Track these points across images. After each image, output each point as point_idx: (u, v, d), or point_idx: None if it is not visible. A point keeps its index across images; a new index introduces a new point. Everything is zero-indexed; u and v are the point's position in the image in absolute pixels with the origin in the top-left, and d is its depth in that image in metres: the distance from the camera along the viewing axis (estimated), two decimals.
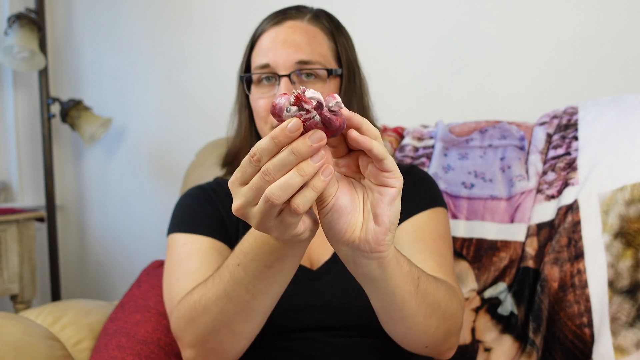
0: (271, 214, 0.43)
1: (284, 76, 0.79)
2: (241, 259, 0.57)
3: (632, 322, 0.81)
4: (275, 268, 0.56)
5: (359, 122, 0.44)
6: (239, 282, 0.58)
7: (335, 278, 0.78)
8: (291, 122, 0.40)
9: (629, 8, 1.17)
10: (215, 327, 0.63)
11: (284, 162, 0.41)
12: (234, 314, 0.61)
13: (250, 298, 0.59)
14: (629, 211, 0.85)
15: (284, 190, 0.41)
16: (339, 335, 0.77)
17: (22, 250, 1.64)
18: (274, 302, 0.62)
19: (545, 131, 1.05)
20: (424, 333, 0.62)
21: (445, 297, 0.64)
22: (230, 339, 0.64)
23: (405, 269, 0.54)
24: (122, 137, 1.97)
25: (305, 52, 0.80)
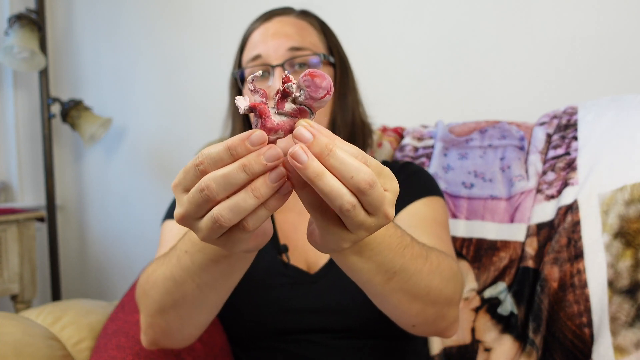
0: (218, 232, 0.37)
1: (277, 66, 0.78)
2: (189, 247, 0.53)
3: (631, 322, 0.81)
4: (221, 265, 0.51)
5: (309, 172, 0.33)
6: (184, 269, 0.54)
7: (333, 281, 0.77)
8: (255, 134, 0.33)
9: (628, 8, 1.17)
10: (162, 306, 0.60)
11: (229, 181, 0.34)
12: (180, 299, 0.57)
13: (195, 287, 0.55)
14: (629, 211, 0.85)
15: (235, 213, 0.35)
16: (337, 337, 0.77)
17: (22, 250, 1.64)
18: (223, 298, 0.59)
19: (545, 131, 1.05)
20: (405, 314, 0.58)
21: (441, 283, 0.58)
22: (176, 323, 0.61)
23: (373, 266, 0.48)
24: (122, 137, 1.97)
25: (296, 40, 0.80)
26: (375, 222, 0.37)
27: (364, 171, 0.33)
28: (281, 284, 0.78)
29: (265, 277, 0.79)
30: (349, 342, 0.77)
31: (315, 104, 0.34)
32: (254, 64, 0.80)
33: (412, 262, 0.53)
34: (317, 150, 0.33)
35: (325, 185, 0.33)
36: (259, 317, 0.78)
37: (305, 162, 0.32)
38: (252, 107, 0.34)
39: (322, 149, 0.33)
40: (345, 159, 0.33)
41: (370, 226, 0.37)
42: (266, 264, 0.80)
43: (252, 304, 0.78)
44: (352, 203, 0.34)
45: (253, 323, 0.78)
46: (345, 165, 0.33)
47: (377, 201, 0.35)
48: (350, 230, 0.37)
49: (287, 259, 0.80)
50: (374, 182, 0.34)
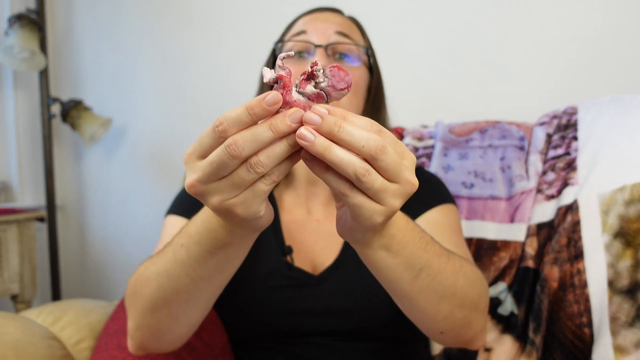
0: (240, 187, 0.39)
1: (319, 46, 0.77)
2: (185, 240, 0.54)
3: (631, 322, 0.81)
4: (218, 256, 0.52)
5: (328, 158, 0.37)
6: (180, 263, 0.55)
7: (337, 283, 0.77)
8: (270, 95, 0.36)
9: (628, 8, 1.17)
10: (154, 303, 0.59)
11: (257, 137, 0.37)
12: (172, 295, 0.57)
13: (189, 282, 0.55)
14: (629, 211, 0.85)
15: (270, 159, 0.38)
16: (340, 339, 0.77)
17: (23, 250, 1.64)
18: (216, 292, 0.59)
19: (545, 131, 1.05)
20: (433, 317, 0.58)
21: (466, 285, 0.58)
22: (168, 321, 0.61)
23: (400, 261, 0.50)
24: (122, 137, 1.97)
25: (345, 29, 0.80)
26: (399, 189, 0.39)
27: (373, 138, 0.36)
28: (285, 285, 0.78)
29: (269, 278, 0.78)
30: (351, 345, 0.77)
31: (334, 94, 0.38)
32: (297, 38, 0.79)
33: (436, 258, 0.53)
34: (326, 129, 0.36)
35: (334, 156, 0.36)
36: (261, 318, 0.77)
37: (312, 140, 0.36)
38: (278, 78, 0.37)
39: (331, 127, 0.36)
40: (353, 132, 0.36)
41: (394, 193, 0.39)
42: (270, 265, 0.79)
43: (255, 304, 0.78)
44: (364, 168, 0.36)
45: (255, 324, 0.78)
46: (354, 137, 0.36)
47: (393, 166, 0.37)
48: (377, 200, 0.38)
49: (292, 261, 0.79)
50: (384, 147, 0.37)
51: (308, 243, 0.82)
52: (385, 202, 0.39)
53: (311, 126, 0.36)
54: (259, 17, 1.64)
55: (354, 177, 0.37)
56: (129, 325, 0.65)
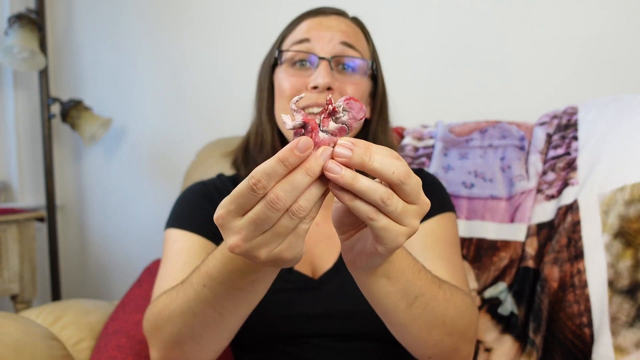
0: (284, 234, 0.40)
1: (323, 59, 0.74)
2: (207, 281, 0.53)
3: (631, 322, 0.81)
4: (245, 290, 0.53)
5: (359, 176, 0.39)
6: (204, 301, 0.55)
7: (337, 287, 0.77)
8: (301, 141, 0.37)
9: (629, 8, 1.17)
10: (180, 339, 0.60)
11: (296, 186, 0.38)
12: (200, 328, 0.58)
13: (217, 316, 0.56)
14: (629, 211, 0.85)
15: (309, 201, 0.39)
16: (342, 341, 0.76)
17: (22, 250, 1.64)
18: (243, 319, 0.59)
19: (545, 131, 1.05)
20: (423, 344, 0.60)
21: (456, 314, 0.60)
22: (194, 350, 0.61)
23: (398, 288, 0.51)
24: (122, 137, 1.97)
25: (350, 38, 0.77)
26: (417, 210, 0.41)
27: (400, 165, 0.39)
28: (285, 289, 0.77)
29: None
30: (352, 345, 0.77)
31: (355, 124, 0.40)
32: (299, 47, 0.76)
33: (428, 286, 0.55)
34: (358, 161, 0.38)
35: (361, 185, 0.38)
36: (262, 321, 0.77)
37: (340, 172, 0.38)
38: (305, 123, 0.39)
39: (362, 157, 0.38)
40: (384, 160, 0.38)
41: (414, 214, 0.41)
42: None
43: (256, 308, 0.77)
44: (388, 192, 0.39)
45: (255, 327, 0.78)
46: (384, 164, 0.38)
47: (415, 189, 0.40)
48: (400, 222, 0.40)
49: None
50: (409, 172, 0.39)
51: (307, 247, 0.81)
52: (407, 222, 0.41)
53: (341, 159, 0.38)
54: (258, 17, 1.64)
55: (380, 202, 0.39)
56: (153, 355, 0.65)
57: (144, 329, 0.68)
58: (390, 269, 0.49)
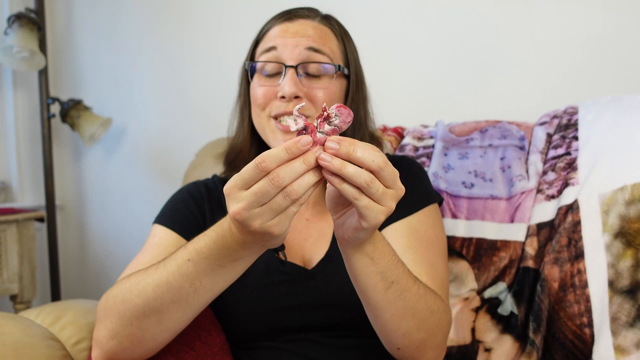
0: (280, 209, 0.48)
1: (290, 67, 0.77)
2: (193, 256, 0.59)
3: (632, 322, 0.81)
4: (227, 268, 0.58)
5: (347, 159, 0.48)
6: (185, 275, 0.60)
7: (330, 276, 0.78)
8: (304, 138, 0.47)
9: (629, 9, 1.17)
10: (145, 311, 0.62)
11: (294, 170, 0.47)
12: (170, 303, 0.61)
13: (192, 292, 0.60)
14: (629, 211, 0.85)
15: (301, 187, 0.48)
16: (338, 336, 0.77)
17: (22, 250, 1.64)
18: (212, 298, 0.63)
19: (545, 131, 1.05)
20: (393, 332, 0.65)
21: (426, 311, 0.65)
22: (155, 327, 0.64)
23: (378, 269, 0.58)
24: (122, 137, 1.97)
25: (316, 42, 0.78)
26: (394, 194, 0.50)
27: (379, 155, 0.48)
28: (279, 281, 0.79)
29: (263, 275, 0.79)
30: (348, 341, 0.77)
31: (344, 126, 0.50)
32: (267, 55, 0.79)
33: (404, 277, 0.62)
34: (344, 152, 0.47)
35: (347, 171, 0.47)
36: (258, 315, 0.78)
37: (331, 160, 0.47)
38: (306, 126, 0.49)
39: (347, 149, 0.47)
40: (365, 151, 0.47)
41: (392, 196, 0.50)
42: (264, 262, 0.80)
43: (251, 302, 0.78)
44: (371, 177, 0.47)
45: (252, 321, 0.78)
46: (366, 155, 0.47)
47: (392, 175, 0.49)
48: (380, 203, 0.49)
49: (284, 257, 0.80)
50: (387, 162, 0.48)
51: (298, 241, 0.83)
52: (385, 203, 0.49)
53: (331, 151, 0.47)
54: (258, 17, 1.64)
55: (364, 184, 0.47)
56: (100, 334, 0.66)
57: (98, 307, 0.69)
58: (374, 251, 0.57)
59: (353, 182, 0.48)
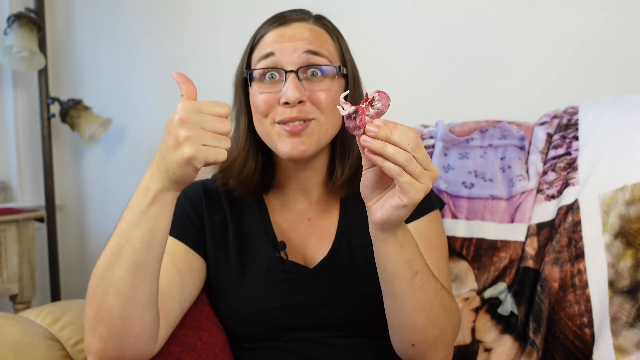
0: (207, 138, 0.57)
1: (291, 72, 0.76)
2: (125, 214, 0.62)
3: (632, 323, 0.81)
4: (149, 214, 0.60)
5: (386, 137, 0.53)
6: (120, 234, 0.61)
7: (332, 275, 0.78)
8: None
9: (629, 8, 1.17)
10: (104, 287, 0.61)
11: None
12: (118, 268, 0.60)
13: (130, 249, 0.60)
14: (629, 211, 0.85)
15: None
16: (338, 336, 0.77)
17: (22, 250, 1.64)
18: (156, 258, 0.62)
19: (545, 131, 1.05)
20: (411, 326, 0.66)
21: (441, 308, 0.67)
22: (116, 301, 0.61)
23: (407, 257, 0.62)
24: (122, 137, 1.97)
25: (314, 44, 0.78)
26: (430, 174, 0.55)
27: (412, 137, 0.53)
28: (281, 280, 0.79)
29: (264, 274, 0.79)
30: (350, 342, 0.77)
31: (385, 109, 0.56)
32: (265, 62, 0.78)
33: (426, 269, 0.65)
34: (383, 135, 0.53)
35: (388, 150, 0.53)
36: (259, 314, 0.78)
37: (372, 142, 0.54)
38: (357, 109, 0.55)
39: (386, 133, 0.53)
40: (402, 134, 0.53)
41: (428, 176, 0.55)
42: (265, 261, 0.80)
43: (253, 301, 0.78)
44: (409, 156, 0.53)
45: (254, 321, 0.78)
46: (402, 137, 0.53)
47: (425, 157, 0.54)
48: (419, 180, 0.54)
49: (285, 256, 0.80)
50: (420, 144, 0.54)
51: (300, 240, 0.83)
52: (424, 181, 0.54)
53: (371, 134, 0.53)
54: (258, 17, 1.64)
55: (404, 162, 0.53)
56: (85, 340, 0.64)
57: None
58: (404, 238, 0.61)
59: (394, 160, 0.53)
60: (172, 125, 0.58)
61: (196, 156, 0.55)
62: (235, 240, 0.83)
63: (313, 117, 0.77)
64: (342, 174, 0.81)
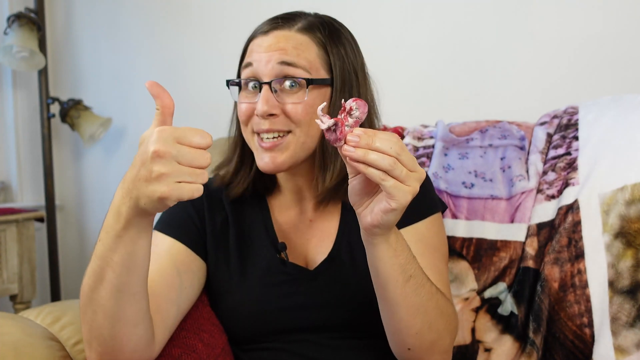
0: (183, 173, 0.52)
1: (264, 83, 0.76)
2: (101, 235, 0.60)
3: (632, 323, 0.81)
4: (124, 239, 0.57)
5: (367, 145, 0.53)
6: (99, 256, 0.59)
7: (332, 277, 0.78)
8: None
9: (629, 8, 1.17)
10: (92, 307, 0.62)
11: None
12: (102, 290, 0.60)
13: (111, 273, 0.59)
14: (629, 211, 0.85)
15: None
16: (338, 337, 0.77)
17: (22, 250, 1.64)
18: (139, 281, 0.61)
19: (545, 131, 1.05)
20: (406, 330, 0.66)
21: (436, 311, 0.67)
22: (104, 321, 0.62)
23: (400, 261, 0.62)
24: (122, 137, 1.97)
25: (290, 55, 0.76)
26: (416, 175, 0.55)
27: (394, 142, 0.53)
28: (281, 281, 0.79)
29: (265, 275, 0.79)
30: (350, 343, 0.77)
31: (363, 117, 0.56)
32: (246, 72, 0.79)
33: (420, 272, 0.65)
34: (365, 143, 0.53)
35: (370, 157, 0.53)
36: (259, 315, 0.78)
37: (354, 150, 0.53)
38: (336, 122, 0.55)
39: (367, 141, 0.53)
40: (383, 140, 0.53)
41: (414, 178, 0.55)
42: (265, 262, 0.80)
43: (253, 302, 0.78)
44: (393, 160, 0.53)
45: (254, 322, 0.78)
46: (384, 144, 0.53)
47: (411, 160, 0.54)
48: (405, 183, 0.54)
49: (286, 257, 0.80)
50: (403, 148, 0.54)
51: (301, 241, 0.83)
52: (411, 184, 0.54)
53: (353, 144, 0.53)
54: (258, 17, 1.64)
55: (388, 167, 0.52)
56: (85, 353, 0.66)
57: None
58: (397, 242, 0.61)
59: (377, 166, 0.52)
60: (145, 154, 0.53)
61: (169, 196, 0.51)
62: (236, 241, 0.83)
63: (288, 129, 0.76)
64: (322, 184, 0.78)
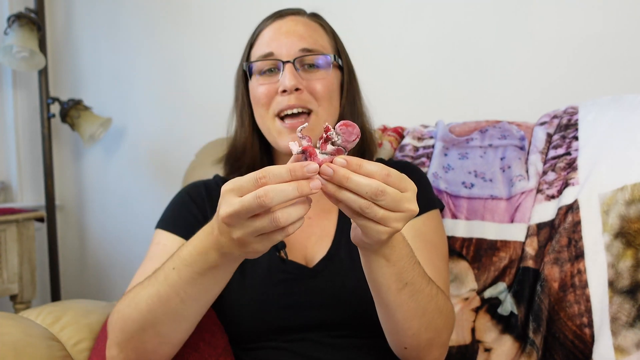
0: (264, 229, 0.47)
1: (287, 62, 0.79)
2: (177, 264, 0.59)
3: (632, 322, 0.81)
4: (207, 277, 0.58)
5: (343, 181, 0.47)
6: (171, 285, 0.60)
7: (332, 275, 0.78)
8: (312, 165, 0.46)
9: (629, 8, 1.17)
10: (142, 325, 0.64)
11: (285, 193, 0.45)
12: (162, 315, 0.62)
13: (179, 302, 0.60)
14: (629, 211, 0.85)
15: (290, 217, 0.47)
16: (338, 336, 0.78)
17: (22, 250, 1.64)
18: (202, 310, 0.64)
19: (545, 131, 1.05)
20: (402, 332, 0.66)
21: (435, 312, 0.66)
22: (154, 340, 0.65)
23: (394, 270, 0.59)
24: (122, 137, 1.97)
25: (307, 41, 0.82)
26: (400, 216, 0.49)
27: (372, 186, 0.46)
28: (281, 279, 0.79)
29: (265, 274, 0.80)
30: (349, 341, 0.78)
31: (349, 145, 0.49)
32: (265, 62, 0.82)
33: (419, 279, 0.62)
34: (337, 180, 0.47)
35: (342, 196, 0.47)
36: (260, 314, 0.78)
37: (325, 184, 0.47)
38: (304, 150, 0.47)
39: (340, 178, 0.47)
40: (359, 181, 0.47)
41: (396, 219, 0.49)
42: (265, 261, 0.80)
43: (253, 301, 0.79)
44: (366, 204, 0.47)
45: (254, 321, 0.79)
46: (359, 185, 0.47)
47: (391, 203, 0.48)
48: (382, 224, 0.49)
49: (285, 256, 0.80)
50: (383, 191, 0.47)
51: (300, 239, 0.83)
52: (389, 224, 0.49)
53: (325, 177, 0.47)
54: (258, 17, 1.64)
55: (359, 210, 0.47)
56: (109, 351, 0.68)
57: (108, 323, 0.70)
58: (391, 254, 0.57)
59: (349, 204, 0.48)
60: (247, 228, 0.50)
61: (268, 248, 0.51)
62: None
63: (311, 107, 0.80)
64: None
